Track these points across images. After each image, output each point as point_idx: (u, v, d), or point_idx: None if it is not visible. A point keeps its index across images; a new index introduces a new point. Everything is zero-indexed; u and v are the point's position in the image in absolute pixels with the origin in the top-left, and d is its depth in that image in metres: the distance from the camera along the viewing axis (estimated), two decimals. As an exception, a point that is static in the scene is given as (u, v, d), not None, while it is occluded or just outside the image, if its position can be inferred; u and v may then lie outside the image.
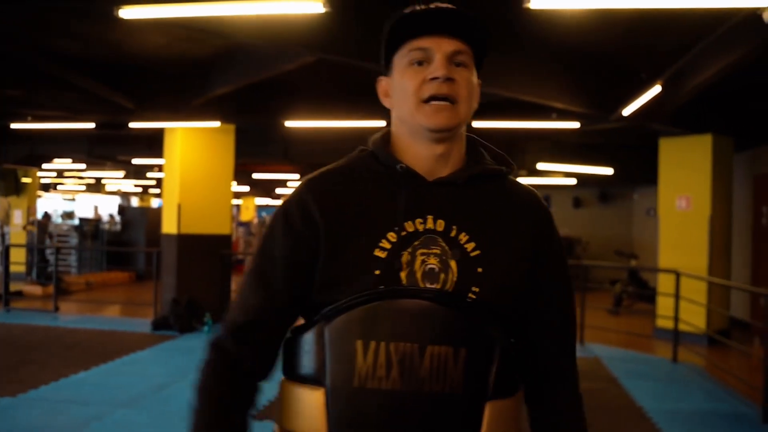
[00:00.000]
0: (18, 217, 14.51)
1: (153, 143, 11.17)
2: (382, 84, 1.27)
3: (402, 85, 1.19)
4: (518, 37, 5.98)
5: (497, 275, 1.16)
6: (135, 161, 14.29)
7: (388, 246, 1.14)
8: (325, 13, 4.09)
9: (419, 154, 1.20)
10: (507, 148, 10.19)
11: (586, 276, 9.01)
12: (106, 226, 16.55)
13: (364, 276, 1.13)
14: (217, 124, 8.40)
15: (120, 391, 5.39)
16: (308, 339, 1.15)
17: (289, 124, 8.45)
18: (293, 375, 1.19)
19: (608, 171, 11.68)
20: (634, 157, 11.65)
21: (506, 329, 1.19)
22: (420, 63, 1.17)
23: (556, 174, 13.39)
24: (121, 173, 17.77)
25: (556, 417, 1.27)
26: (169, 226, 9.09)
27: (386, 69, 1.25)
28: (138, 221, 15.69)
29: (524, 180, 13.05)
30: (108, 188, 23.49)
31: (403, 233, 1.15)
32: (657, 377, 6.61)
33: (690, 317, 7.73)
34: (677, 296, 7.46)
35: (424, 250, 1.14)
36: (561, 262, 1.29)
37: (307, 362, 1.15)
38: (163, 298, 8.92)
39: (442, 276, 1.13)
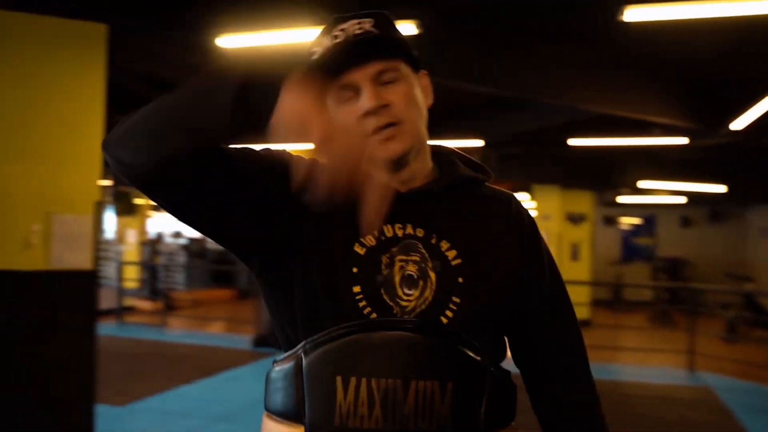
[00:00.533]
0: (131, 236, 15.36)
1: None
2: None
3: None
4: (616, 52, 5.79)
5: (479, 285, 1.09)
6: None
7: (368, 243, 1.08)
8: (418, 34, 4.13)
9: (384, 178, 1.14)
10: (606, 165, 9.96)
11: (695, 300, 8.51)
12: (212, 245, 17.23)
13: (342, 270, 1.06)
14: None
15: (220, 405, 5.56)
16: (287, 373, 1.09)
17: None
18: (273, 410, 1.12)
19: (720, 188, 11.04)
20: (748, 173, 10.96)
21: (495, 346, 1.13)
22: (349, 98, 1.10)
23: (661, 192, 12.80)
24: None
25: (566, 420, 1.20)
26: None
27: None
28: (241, 241, 16.21)
29: (626, 198, 12.58)
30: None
31: (382, 237, 1.09)
32: (778, 412, 6.13)
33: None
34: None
35: (403, 257, 1.08)
36: (550, 262, 1.24)
37: (285, 398, 1.09)
38: (263, 316, 9.17)
39: (421, 283, 1.07)
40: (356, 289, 1.06)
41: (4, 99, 3.66)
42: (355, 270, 1.06)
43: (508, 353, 1.24)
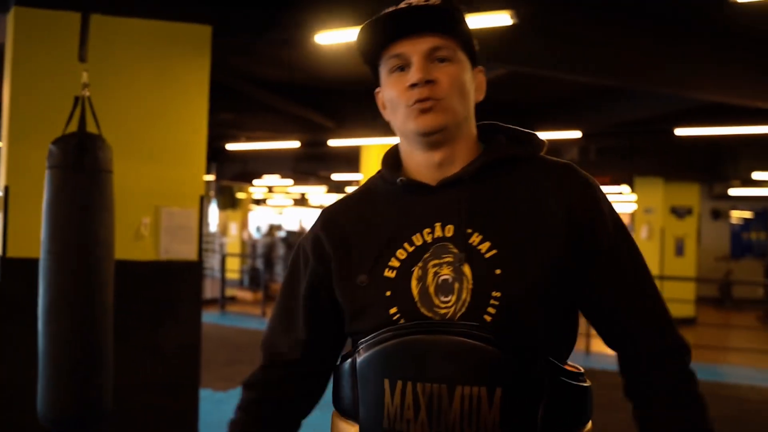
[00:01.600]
0: (234, 229, 15.97)
1: (351, 160, 11.76)
2: (379, 96, 1.21)
3: (388, 95, 1.13)
4: (725, 35, 5.48)
5: (520, 273, 1.04)
6: (334, 177, 15.13)
7: (397, 264, 1.08)
8: (514, 24, 4.06)
9: (420, 162, 1.14)
10: (715, 156, 9.46)
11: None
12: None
13: (376, 299, 1.08)
14: (409, 139, 8.63)
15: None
16: (346, 372, 1.11)
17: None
18: (337, 406, 1.16)
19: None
20: None
21: (555, 334, 1.07)
22: (402, 68, 1.10)
23: (777, 184, 12.02)
24: (324, 188, 18.90)
25: (657, 412, 1.08)
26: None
27: (376, 79, 1.19)
28: (337, 233, 16.51)
29: (737, 191, 11.91)
30: (312, 202, 25.10)
31: (412, 248, 1.08)
32: None
33: None
34: None
35: (436, 261, 1.06)
36: (616, 229, 1.11)
37: (345, 395, 1.12)
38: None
39: (457, 285, 1.04)
40: (393, 310, 1.06)
41: (118, 100, 3.88)
42: (388, 294, 1.07)
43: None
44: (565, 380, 1.04)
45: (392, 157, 1.22)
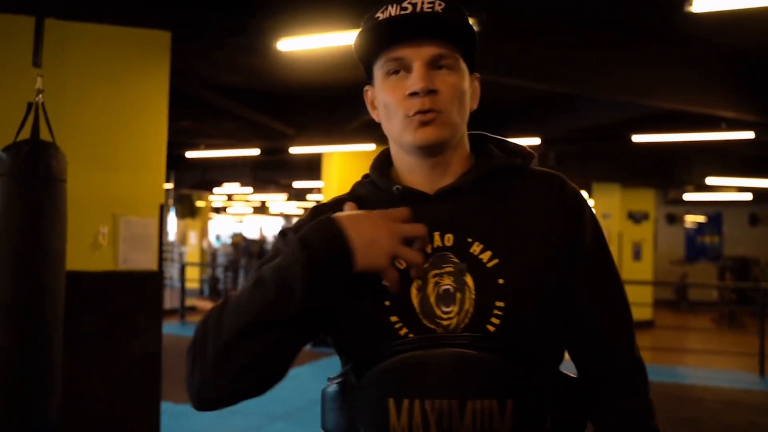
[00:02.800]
0: (193, 238, 15.76)
1: (312, 167, 11.72)
2: (369, 94, 1.16)
3: (384, 99, 1.08)
4: (680, 43, 5.62)
5: (523, 283, 1.02)
6: (295, 184, 15.06)
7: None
8: (477, 32, 4.09)
9: (415, 168, 1.11)
10: (670, 162, 9.68)
11: (765, 300, 8.19)
12: (270, 246, 17.53)
13: (375, 309, 1.03)
14: (372, 146, 8.63)
15: (279, 404, 5.64)
16: (339, 393, 1.05)
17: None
18: (329, 431, 1.08)
19: (790, 184, 10.61)
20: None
21: (554, 345, 1.06)
22: (397, 72, 1.06)
23: (729, 189, 12.36)
24: (284, 196, 18.80)
25: (620, 425, 1.08)
26: (325, 246, 9.43)
27: (369, 77, 1.14)
28: (299, 241, 16.43)
29: (691, 196, 12.19)
30: (272, 210, 24.94)
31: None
32: None
33: None
34: None
35: (436, 271, 1.02)
36: (600, 242, 1.13)
37: (339, 419, 1.05)
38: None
39: (459, 296, 1.00)
40: (394, 318, 1.02)
41: (73, 106, 3.79)
42: (387, 303, 1.03)
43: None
44: (567, 387, 1.04)
45: (382, 163, 1.18)
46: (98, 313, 3.79)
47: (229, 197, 20.08)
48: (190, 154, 10.45)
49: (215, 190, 15.48)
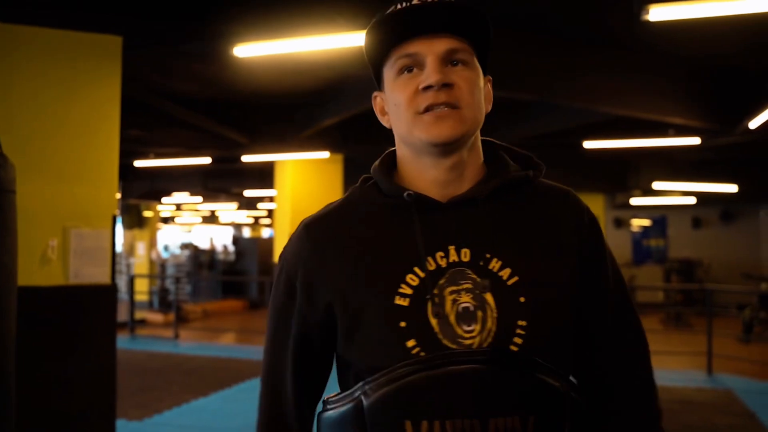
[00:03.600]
0: (141, 249, 15.37)
1: (264, 175, 11.58)
2: (378, 100, 1.11)
3: (394, 99, 1.02)
4: (631, 51, 5.75)
5: (544, 301, 0.98)
6: (247, 193, 14.85)
7: (409, 291, 0.98)
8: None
9: (427, 174, 1.03)
10: (620, 167, 9.90)
11: (711, 301, 8.44)
12: (221, 256, 17.25)
13: (389, 331, 0.96)
14: (326, 154, 8.58)
15: (239, 418, 5.51)
16: (346, 417, 0.98)
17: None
18: None
19: (731, 188, 10.98)
20: (760, 172, 10.90)
21: (569, 364, 1.03)
22: (410, 70, 1.00)
23: (674, 193, 12.73)
24: (234, 205, 18.53)
25: None
26: (280, 255, 9.34)
27: (378, 83, 1.09)
28: (250, 251, 16.25)
29: (637, 200, 12.50)
30: (222, 220, 24.56)
31: (424, 274, 0.98)
32: (802, 412, 6.03)
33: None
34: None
35: (453, 288, 0.97)
36: (613, 264, 1.11)
37: None
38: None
39: (480, 314, 0.95)
40: (410, 343, 0.96)
41: (21, 114, 3.63)
42: (402, 324, 0.96)
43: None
44: (581, 402, 1.02)
45: (387, 166, 1.10)
46: (50, 329, 3.63)
47: (178, 207, 19.70)
48: (138, 164, 10.20)
49: (164, 199, 15.15)
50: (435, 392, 0.92)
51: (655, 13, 3.14)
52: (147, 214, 15.66)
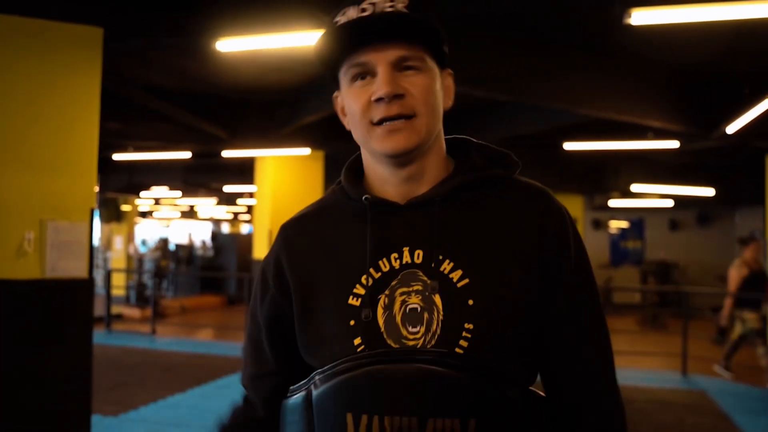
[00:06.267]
0: (119, 243, 15.22)
1: (244, 171, 11.51)
2: (338, 101, 1.11)
3: (349, 107, 1.03)
4: (611, 54, 5.80)
5: (494, 304, 0.97)
6: (226, 189, 14.76)
7: (362, 292, 1.00)
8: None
9: (386, 177, 1.05)
10: (598, 169, 9.98)
11: (686, 303, 8.55)
12: (200, 252, 17.14)
13: (339, 329, 1.00)
14: (307, 151, 8.55)
15: (214, 414, 5.46)
16: (297, 406, 1.01)
17: (376, 149, 8.49)
18: None
19: (708, 192, 11.12)
20: (736, 176, 11.05)
21: (524, 369, 1.01)
22: (363, 77, 1.00)
23: (651, 196, 12.87)
24: (214, 200, 18.41)
25: None
26: (260, 251, 9.28)
27: (336, 84, 1.09)
28: (229, 247, 16.16)
29: (615, 202, 12.62)
30: (201, 215, 24.38)
31: (378, 275, 1.00)
32: (773, 413, 6.14)
33: (806, 348, 7.18)
34: (794, 325, 6.94)
35: (404, 289, 0.99)
36: (580, 267, 1.05)
37: None
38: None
39: (426, 315, 0.96)
40: (357, 341, 0.98)
41: (-2, 104, 3.58)
42: (352, 323, 0.99)
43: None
44: (537, 407, 1.00)
45: (354, 170, 1.13)
46: (25, 323, 3.58)
47: (157, 201, 19.52)
48: (117, 157, 10.09)
49: (142, 193, 15.02)
50: (376, 388, 0.94)
51: (637, 17, 3.17)
52: (125, 208, 15.50)
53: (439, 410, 0.92)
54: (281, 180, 9.24)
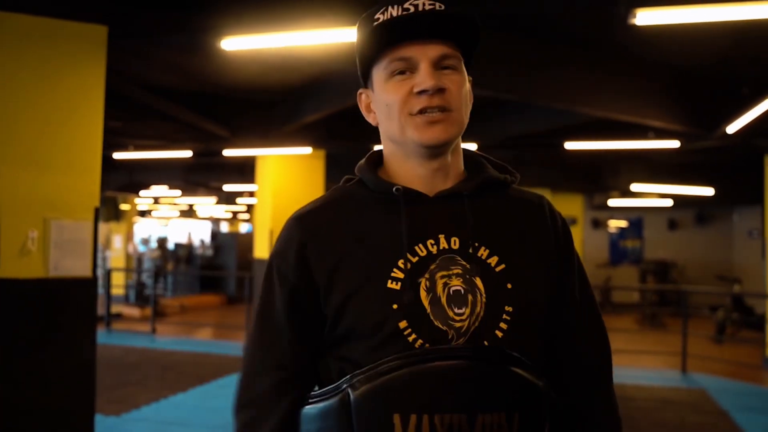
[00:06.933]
0: (117, 242, 15.20)
1: (245, 170, 11.50)
2: (363, 98, 1.15)
3: (386, 100, 1.06)
4: (613, 55, 5.81)
5: (528, 289, 1.03)
6: (226, 188, 14.75)
7: (401, 275, 1.01)
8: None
9: (414, 171, 1.08)
10: (598, 169, 9.98)
11: (686, 302, 8.57)
12: (199, 251, 17.12)
13: (381, 314, 0.99)
14: (308, 150, 8.54)
15: (218, 414, 5.48)
16: (330, 411, 0.98)
17: (377, 148, 8.46)
18: None
19: (708, 191, 11.14)
20: (734, 176, 11.08)
21: (542, 362, 1.06)
22: (402, 72, 1.04)
23: (651, 195, 12.89)
24: (213, 199, 18.38)
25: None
26: (261, 251, 9.28)
27: (365, 81, 1.13)
28: (228, 246, 16.14)
29: (615, 201, 12.63)
30: (200, 214, 24.35)
31: (415, 259, 1.02)
32: (773, 412, 6.16)
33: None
34: (792, 324, 6.96)
35: (444, 272, 1.01)
36: (580, 268, 1.17)
37: None
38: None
39: (470, 297, 1.00)
40: (402, 324, 0.98)
41: (2, 102, 3.57)
42: (395, 307, 0.99)
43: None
44: (558, 400, 1.04)
45: (373, 165, 1.15)
46: (28, 322, 3.58)
47: (156, 200, 19.49)
48: (117, 156, 10.08)
49: (142, 192, 15.01)
50: (424, 387, 0.94)
51: (642, 18, 3.18)
52: (124, 207, 15.48)
53: (487, 405, 0.94)
54: (282, 179, 9.24)
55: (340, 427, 0.97)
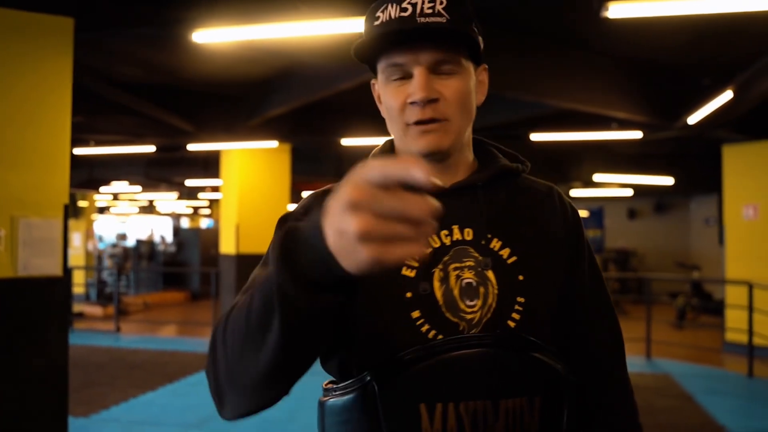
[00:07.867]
0: (77, 240, 14.85)
1: (208, 164, 11.35)
2: (376, 88, 1.13)
3: (387, 103, 1.06)
4: (579, 47, 5.89)
5: (539, 280, 1.04)
6: (188, 183, 14.54)
7: (415, 263, 1.01)
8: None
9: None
10: (561, 159, 10.10)
11: (649, 289, 8.78)
12: (161, 247, 16.85)
13: (394, 300, 0.99)
14: (274, 143, 8.47)
15: (189, 412, 5.41)
16: (353, 404, 0.98)
17: (345, 142, 8.47)
18: None
19: (668, 181, 11.40)
20: (692, 165, 11.36)
21: (561, 344, 1.07)
22: (401, 78, 1.03)
23: (612, 185, 13.13)
24: (175, 195, 18.11)
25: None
26: (227, 246, 9.18)
27: (374, 72, 1.11)
28: (191, 242, 15.92)
29: (578, 192, 12.82)
30: (161, 210, 23.97)
31: (429, 249, 1.01)
32: (735, 393, 6.36)
33: (764, 330, 7.44)
34: (751, 309, 7.18)
35: (456, 264, 1.02)
36: (593, 257, 1.17)
37: (359, 431, 0.97)
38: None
39: (482, 290, 1.00)
40: (415, 314, 0.99)
41: (-35, 97, 3.46)
42: (409, 295, 1.00)
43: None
44: (574, 382, 1.05)
45: (388, 154, 1.14)
46: (-2, 323, 3.48)
47: (115, 196, 19.11)
48: (78, 151, 9.84)
49: (102, 189, 14.69)
50: (448, 376, 0.95)
51: (614, 11, 3.22)
52: (82, 203, 15.13)
53: (510, 390, 0.96)
54: (248, 173, 9.16)
55: (366, 418, 0.97)
